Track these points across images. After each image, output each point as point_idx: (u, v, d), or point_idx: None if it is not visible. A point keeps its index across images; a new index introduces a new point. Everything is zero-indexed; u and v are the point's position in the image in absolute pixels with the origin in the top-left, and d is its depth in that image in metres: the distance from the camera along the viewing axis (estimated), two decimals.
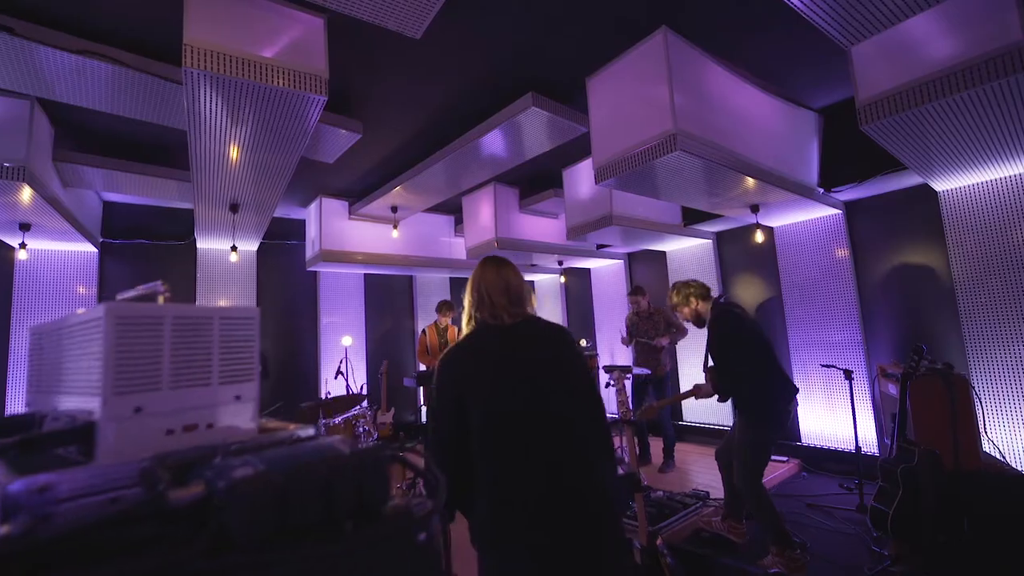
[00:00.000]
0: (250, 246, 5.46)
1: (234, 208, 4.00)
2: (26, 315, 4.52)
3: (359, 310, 6.51)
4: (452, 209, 6.15)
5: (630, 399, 4.82)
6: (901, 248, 4.23)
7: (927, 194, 3.94)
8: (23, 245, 3.95)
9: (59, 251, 4.69)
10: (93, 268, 4.85)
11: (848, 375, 3.62)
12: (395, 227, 5.34)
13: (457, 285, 7.62)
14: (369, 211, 5.24)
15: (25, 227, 3.87)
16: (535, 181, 5.30)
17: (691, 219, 5.25)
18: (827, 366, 4.09)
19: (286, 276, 6.00)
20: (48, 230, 4.05)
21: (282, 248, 5.98)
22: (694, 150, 2.84)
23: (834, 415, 4.51)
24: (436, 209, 6.07)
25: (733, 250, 5.53)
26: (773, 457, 4.59)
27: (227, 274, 5.54)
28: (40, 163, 3.23)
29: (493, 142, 3.69)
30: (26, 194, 3.16)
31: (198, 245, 5.30)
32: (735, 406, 2.90)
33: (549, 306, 7.79)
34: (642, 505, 2.34)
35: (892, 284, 4.27)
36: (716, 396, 2.86)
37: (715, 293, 3.36)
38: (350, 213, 5.42)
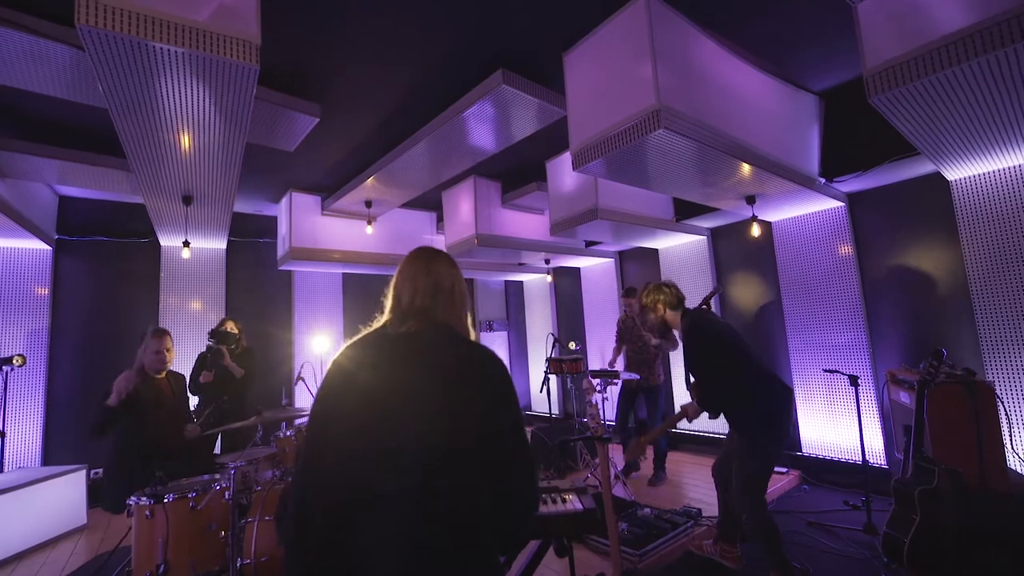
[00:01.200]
0: (217, 244, 5.16)
1: (187, 200, 3.70)
2: None
3: (337, 311, 6.20)
4: (434, 205, 5.85)
5: (615, 407, 4.52)
6: (909, 243, 3.91)
7: (938, 184, 3.63)
8: None
9: (6, 248, 4.39)
10: (47, 267, 4.55)
11: (854, 381, 3.30)
12: (369, 223, 5.04)
13: None
14: (342, 206, 4.94)
15: None
16: (518, 174, 5.00)
17: (684, 213, 4.95)
18: (830, 371, 3.77)
19: (258, 275, 5.69)
20: None
21: (254, 246, 5.68)
22: (681, 129, 2.54)
23: (837, 423, 4.19)
24: (416, 205, 5.79)
25: (729, 247, 5.22)
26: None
27: (193, 274, 5.23)
28: None
29: (464, 127, 3.40)
30: None
31: (162, 243, 5.00)
32: (728, 420, 2.60)
33: (538, 308, 7.48)
34: (615, 533, 2.02)
35: (899, 282, 3.95)
36: (706, 413, 2.56)
37: (711, 289, 3.06)
38: (323, 209, 5.11)
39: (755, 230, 3.92)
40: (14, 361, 4.03)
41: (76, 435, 4.47)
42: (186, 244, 4.18)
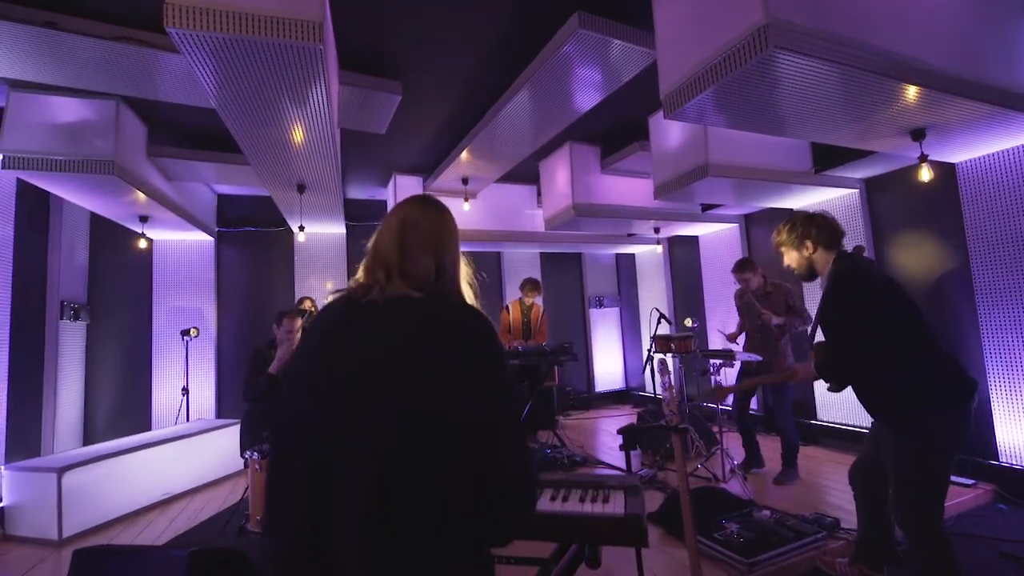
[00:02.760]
0: (336, 228, 5.66)
1: (300, 188, 4.06)
2: (162, 298, 5.24)
3: None
4: (533, 178, 5.69)
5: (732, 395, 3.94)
6: None
7: None
8: (143, 235, 4.51)
9: (183, 240, 5.33)
10: (211, 255, 5.44)
11: None
12: (466, 200, 5.06)
13: (548, 261, 7.18)
14: (440, 185, 5.03)
15: (144, 219, 4.39)
16: (619, 135, 4.57)
17: (826, 162, 4.07)
18: None
19: None
20: (163, 221, 4.56)
21: (369, 230, 6.09)
22: (800, 46, 1.99)
23: None
24: (516, 179, 5.67)
25: (890, 201, 4.19)
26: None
27: (321, 258, 5.84)
28: (131, 158, 3.55)
29: (546, 83, 3.11)
30: (121, 188, 3.51)
31: (293, 230, 5.64)
32: (870, 408, 1.97)
33: (651, 282, 6.93)
34: (692, 542, 1.70)
35: None
36: (826, 383, 2.02)
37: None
38: (424, 189, 5.28)
39: (924, 174, 3.03)
40: (191, 333, 4.92)
41: (239, 394, 5.33)
42: (301, 229, 4.63)
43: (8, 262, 3.65)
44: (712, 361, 3.95)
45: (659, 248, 6.36)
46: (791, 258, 2.18)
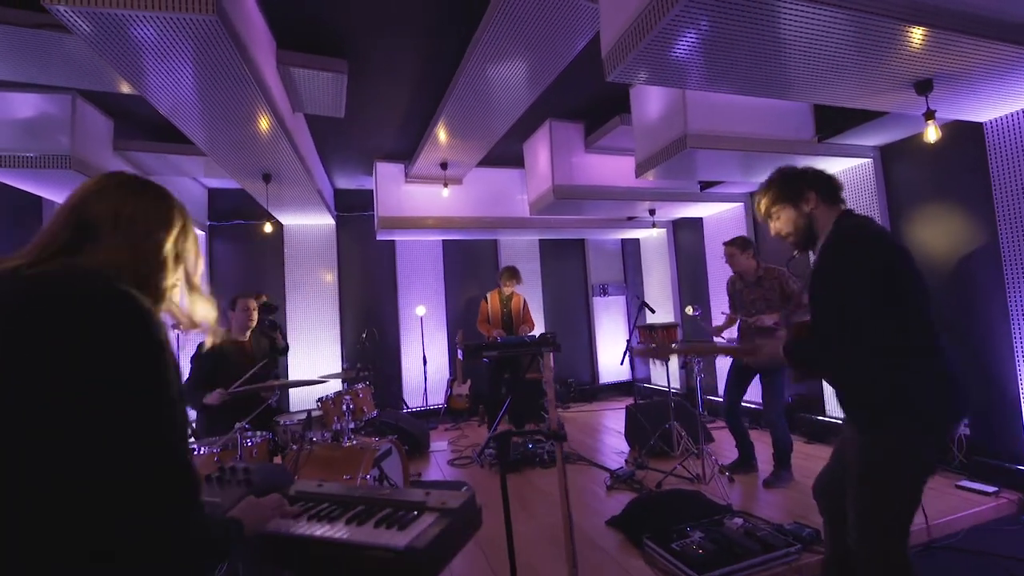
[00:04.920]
0: (323, 220, 5.61)
1: (266, 178, 3.99)
2: None
3: (438, 278, 6.30)
4: (522, 161, 5.42)
5: (723, 386, 3.60)
6: None
7: None
8: None
9: None
10: (202, 250, 5.49)
11: None
12: (445, 185, 4.86)
13: (548, 248, 6.91)
14: (419, 171, 4.86)
15: None
16: (602, 110, 4.24)
17: (831, 128, 3.62)
18: None
19: (363, 247, 6.07)
20: None
21: (359, 220, 6.05)
22: None
23: None
24: (505, 163, 5.42)
25: (908, 171, 3.69)
26: (966, 484, 2.98)
27: (310, 250, 5.82)
28: (93, 152, 3.55)
29: (502, 45, 2.80)
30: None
31: (283, 223, 5.63)
32: (845, 401, 1.60)
33: (656, 268, 6.55)
34: None
35: None
36: (793, 369, 1.70)
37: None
38: (405, 176, 5.12)
39: (931, 134, 2.60)
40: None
41: None
42: (270, 218, 4.57)
43: None
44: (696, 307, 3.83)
45: (655, 231, 5.97)
46: (786, 218, 1.70)
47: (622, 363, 3.83)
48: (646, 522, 2.64)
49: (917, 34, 2.10)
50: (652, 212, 5.18)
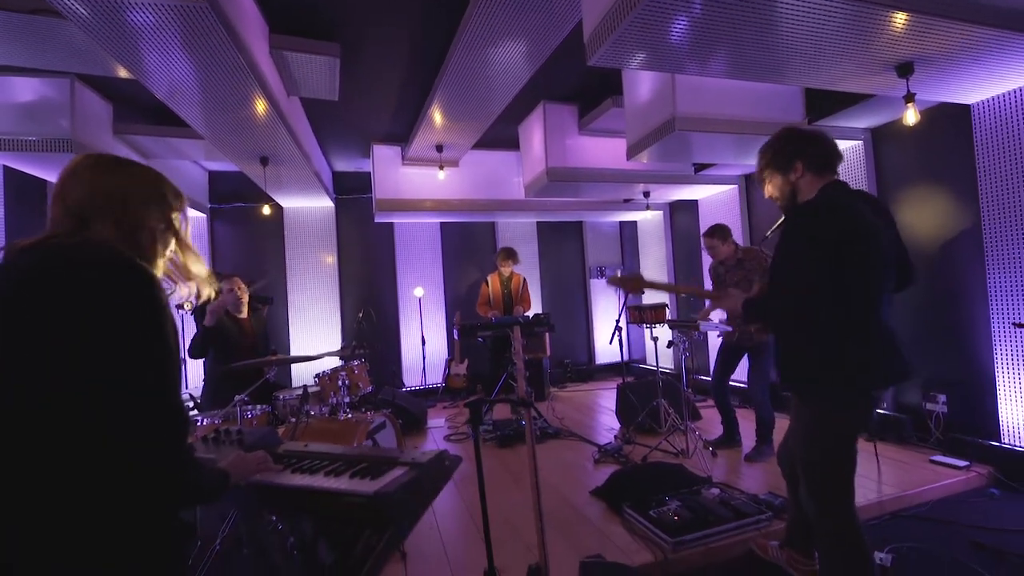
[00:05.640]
0: (322, 202, 5.68)
1: (264, 161, 4.05)
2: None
3: (436, 260, 6.39)
4: (518, 143, 5.45)
5: (712, 364, 3.71)
6: None
7: None
8: None
9: None
10: (204, 232, 5.60)
11: None
12: (441, 168, 4.91)
13: (546, 230, 6.97)
14: (416, 153, 4.90)
15: None
16: (595, 92, 4.26)
17: (820, 110, 3.64)
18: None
19: (362, 229, 6.15)
20: None
21: (357, 202, 6.12)
22: None
23: None
24: (501, 145, 5.45)
25: (897, 153, 3.72)
26: (940, 458, 3.10)
27: (310, 232, 5.91)
28: (94, 136, 3.63)
29: (492, 22, 2.80)
30: None
31: (283, 205, 5.71)
32: (782, 368, 1.69)
33: (653, 250, 6.60)
34: None
35: None
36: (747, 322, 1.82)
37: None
38: (402, 158, 5.17)
39: (910, 117, 2.64)
40: (185, 307, 5.11)
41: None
42: (269, 200, 4.65)
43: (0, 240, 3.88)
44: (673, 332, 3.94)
45: (649, 214, 6.01)
46: (774, 184, 1.77)
47: (611, 342, 3.93)
48: (627, 492, 2.77)
49: (900, 18, 2.14)
50: (646, 194, 5.22)
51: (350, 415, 2.92)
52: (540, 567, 1.20)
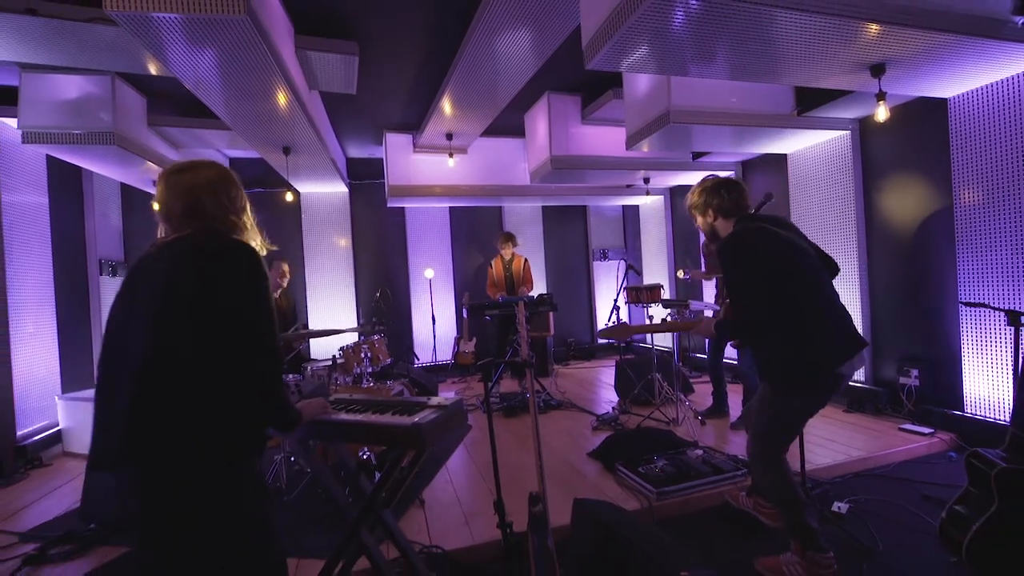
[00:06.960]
0: (338, 188, 5.96)
1: (286, 151, 4.33)
2: None
3: (445, 243, 6.69)
4: (524, 131, 5.67)
5: (707, 344, 4.01)
6: None
7: None
8: None
9: None
10: None
11: (1015, 320, 2.31)
12: (451, 155, 5.17)
13: (551, 214, 7.22)
14: (426, 141, 5.16)
15: None
16: (597, 83, 4.47)
17: (809, 102, 3.85)
18: (971, 304, 2.73)
19: (375, 214, 6.45)
20: None
21: (370, 187, 6.40)
22: None
23: (1000, 376, 3.04)
24: (508, 132, 5.68)
25: (882, 144, 3.93)
26: (908, 427, 3.39)
27: (326, 215, 6.21)
28: (131, 128, 3.92)
29: (500, 21, 3.02)
30: (125, 156, 3.91)
31: (300, 191, 6.00)
32: (759, 370, 2.07)
33: (654, 233, 6.85)
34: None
35: None
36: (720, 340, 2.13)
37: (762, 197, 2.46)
38: (414, 145, 5.42)
39: (880, 114, 2.86)
40: None
41: None
42: (291, 189, 4.94)
43: (46, 227, 4.20)
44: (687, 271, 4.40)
45: (648, 199, 6.24)
46: (700, 222, 2.24)
47: (608, 321, 4.23)
48: (620, 453, 3.10)
49: (872, 28, 2.35)
50: (646, 180, 5.46)
51: (372, 383, 3.26)
52: (539, 495, 1.51)
